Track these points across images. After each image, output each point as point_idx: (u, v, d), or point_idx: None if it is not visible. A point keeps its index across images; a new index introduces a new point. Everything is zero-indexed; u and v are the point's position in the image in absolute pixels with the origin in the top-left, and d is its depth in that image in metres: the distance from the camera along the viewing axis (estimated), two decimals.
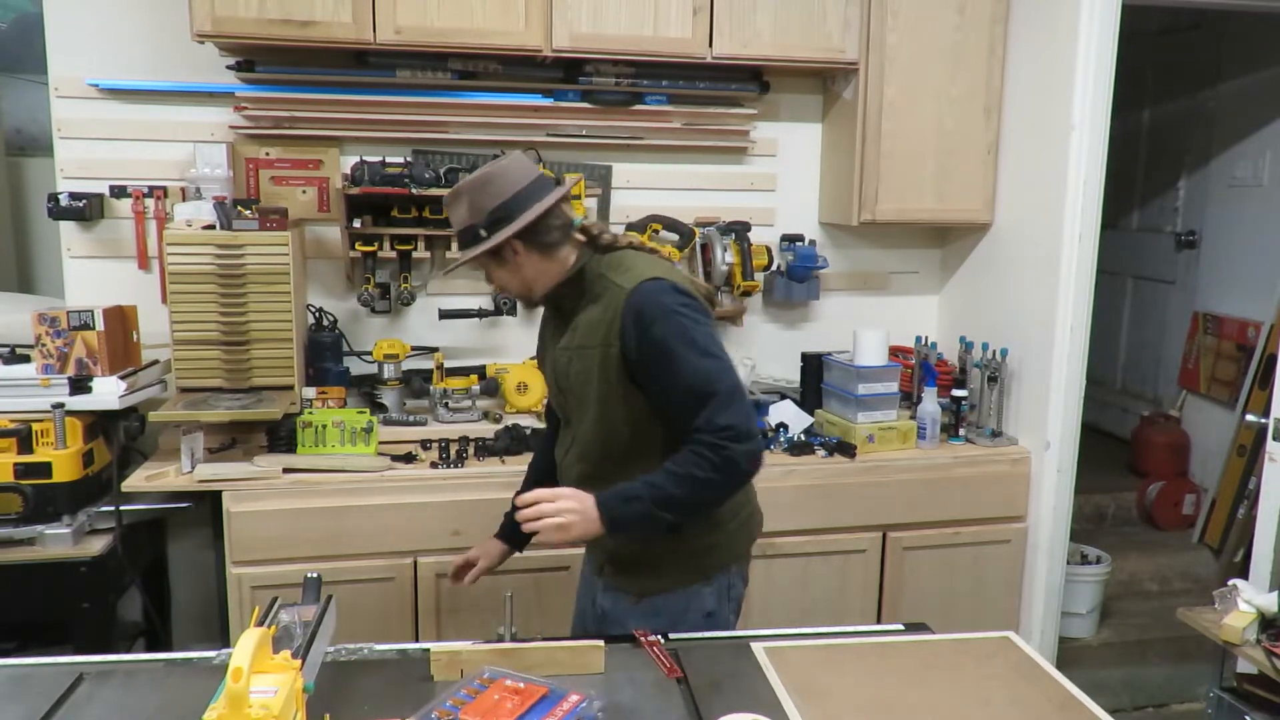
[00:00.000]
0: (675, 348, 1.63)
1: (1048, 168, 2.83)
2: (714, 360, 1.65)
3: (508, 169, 1.72)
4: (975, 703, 1.47)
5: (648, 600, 1.81)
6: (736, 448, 1.61)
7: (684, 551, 1.79)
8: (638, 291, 1.66)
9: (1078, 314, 2.81)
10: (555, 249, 1.75)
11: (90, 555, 2.38)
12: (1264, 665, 2.04)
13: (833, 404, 3.01)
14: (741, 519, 1.86)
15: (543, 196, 1.70)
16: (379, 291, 2.93)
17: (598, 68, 2.90)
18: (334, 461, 2.55)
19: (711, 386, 1.63)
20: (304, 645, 1.27)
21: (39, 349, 2.44)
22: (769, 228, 3.24)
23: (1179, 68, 4.33)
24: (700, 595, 1.81)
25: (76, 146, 2.79)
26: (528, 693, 1.38)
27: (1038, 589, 2.96)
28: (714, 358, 1.65)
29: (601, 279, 1.73)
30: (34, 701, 1.41)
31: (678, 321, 1.64)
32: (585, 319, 1.74)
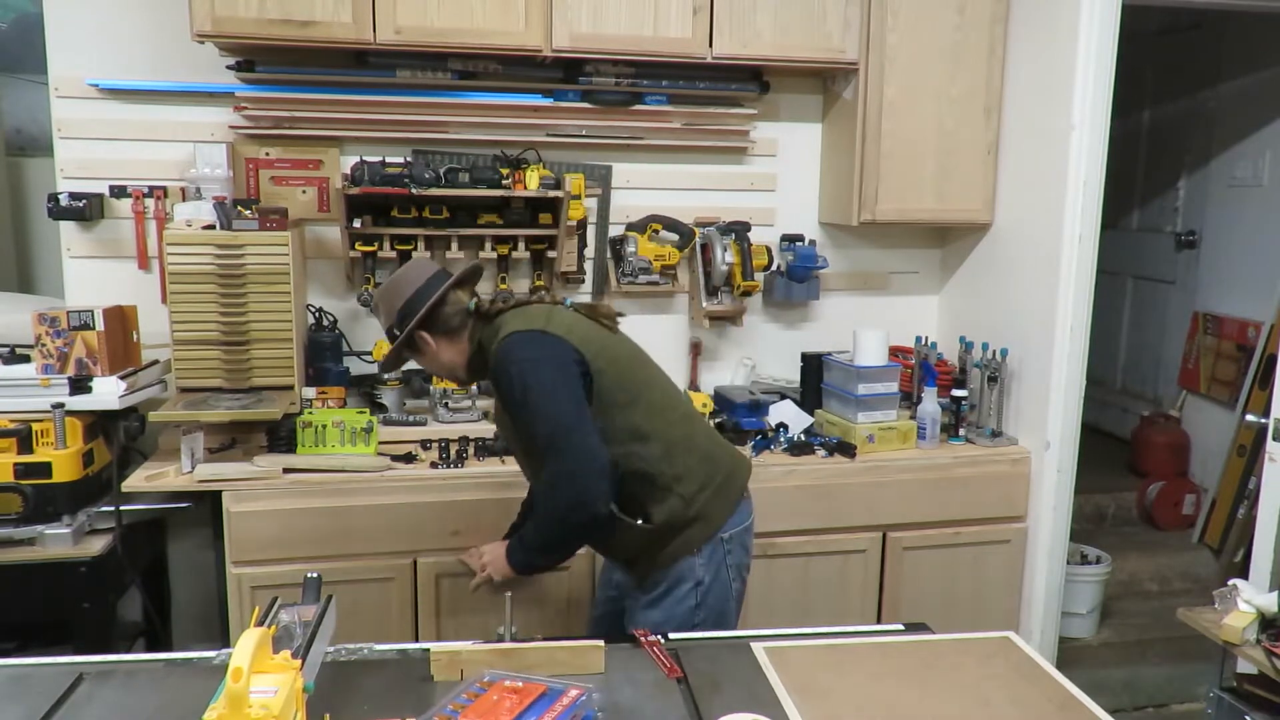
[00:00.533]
0: (520, 403, 1.84)
1: (1048, 168, 2.83)
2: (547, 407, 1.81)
3: (407, 272, 1.98)
4: (975, 703, 1.47)
5: (649, 576, 1.96)
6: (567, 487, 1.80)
7: (666, 533, 1.93)
8: (494, 354, 1.89)
9: (1078, 314, 2.81)
10: (459, 332, 1.98)
11: (90, 555, 2.38)
12: (1264, 665, 2.03)
13: (833, 404, 3.01)
14: (715, 485, 1.97)
15: (436, 289, 1.93)
16: None
17: (598, 68, 2.90)
18: (334, 461, 2.55)
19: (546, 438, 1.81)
20: (304, 645, 1.27)
21: (39, 349, 2.44)
22: (769, 228, 3.24)
23: (1179, 68, 4.33)
24: (692, 566, 1.94)
25: (76, 146, 2.79)
26: (526, 691, 1.38)
27: (1038, 589, 2.96)
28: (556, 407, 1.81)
29: (493, 336, 1.94)
30: (34, 701, 1.41)
31: (519, 380, 1.83)
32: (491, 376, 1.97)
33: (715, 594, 1.96)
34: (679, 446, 1.93)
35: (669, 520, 1.91)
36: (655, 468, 1.90)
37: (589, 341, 1.90)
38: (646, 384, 1.98)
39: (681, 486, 1.91)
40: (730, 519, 1.98)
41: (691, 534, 1.93)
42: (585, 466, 1.78)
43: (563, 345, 1.86)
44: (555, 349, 1.86)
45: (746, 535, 2.05)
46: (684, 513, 1.92)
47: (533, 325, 1.89)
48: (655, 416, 1.93)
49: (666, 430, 1.93)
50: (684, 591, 1.94)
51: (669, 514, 1.91)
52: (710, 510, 1.95)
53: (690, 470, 1.93)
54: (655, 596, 1.95)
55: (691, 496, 1.92)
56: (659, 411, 1.95)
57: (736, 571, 2.00)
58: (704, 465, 1.96)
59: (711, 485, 1.96)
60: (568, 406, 1.80)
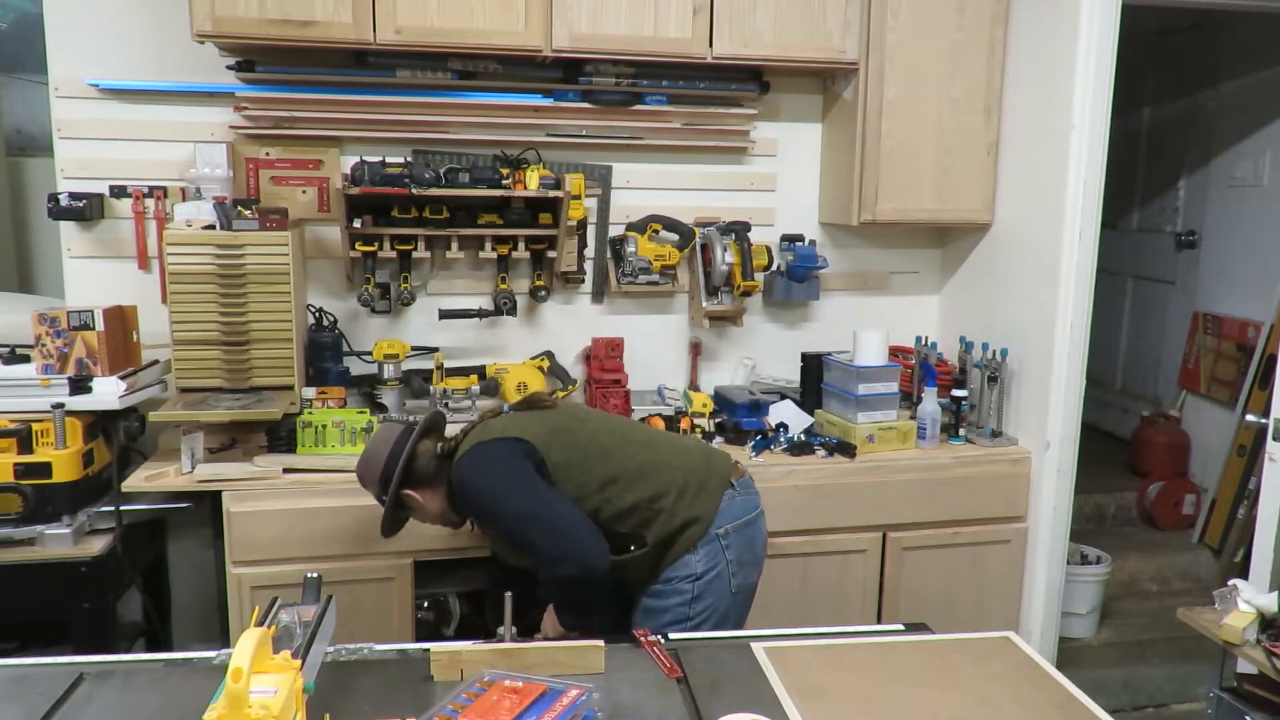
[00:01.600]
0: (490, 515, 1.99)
1: (1048, 168, 2.83)
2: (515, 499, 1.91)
3: (376, 441, 2.05)
4: (975, 703, 1.47)
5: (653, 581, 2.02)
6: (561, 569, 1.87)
7: (663, 547, 1.99)
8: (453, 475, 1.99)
9: (1078, 314, 2.81)
10: (436, 479, 2.03)
11: (90, 555, 2.38)
12: (1264, 665, 2.03)
13: (833, 404, 3.01)
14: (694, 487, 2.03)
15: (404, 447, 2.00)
16: (379, 291, 2.93)
17: (598, 68, 2.90)
18: (334, 461, 2.55)
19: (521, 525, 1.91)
20: (304, 645, 1.27)
21: (39, 349, 2.44)
22: (769, 228, 3.24)
23: (1179, 68, 4.33)
24: (687, 561, 2.00)
25: (76, 146, 2.79)
26: (526, 691, 1.38)
27: (1038, 589, 2.95)
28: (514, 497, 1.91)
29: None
30: (34, 701, 1.41)
31: (475, 496, 1.96)
32: None
33: (714, 588, 1.99)
34: (646, 472, 2.02)
35: (661, 536, 1.99)
36: (633, 500, 1.98)
37: (527, 428, 2.00)
38: (594, 435, 2.06)
39: (661, 502, 1.99)
40: (722, 512, 2.03)
41: (687, 536, 2.00)
42: (566, 540, 1.87)
43: (502, 443, 1.97)
44: (498, 450, 1.96)
45: (750, 530, 2.07)
46: (670, 523, 1.99)
47: (473, 442, 1.99)
48: (614, 458, 2.02)
49: (629, 463, 2.02)
50: (679, 584, 1.99)
51: (660, 531, 1.98)
52: (695, 511, 2.01)
53: (664, 485, 2.01)
54: (654, 589, 2.01)
55: (673, 507, 1.99)
56: (616, 452, 2.04)
57: (737, 566, 2.03)
58: (675, 474, 2.03)
59: (690, 488, 2.02)
60: (528, 496, 1.91)
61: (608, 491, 1.98)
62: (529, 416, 2.08)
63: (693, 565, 1.99)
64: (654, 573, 2.01)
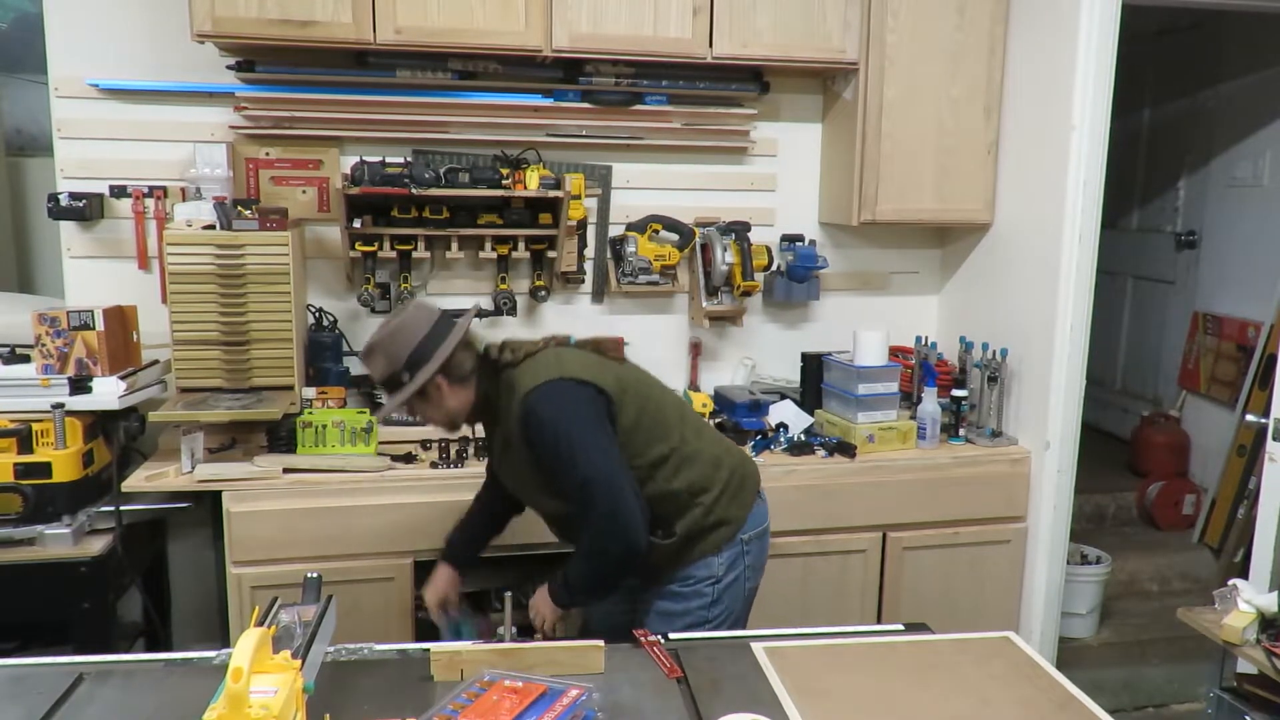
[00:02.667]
0: (554, 448, 1.84)
1: (1048, 168, 2.83)
2: (585, 456, 1.82)
3: (414, 316, 1.90)
4: (975, 703, 1.47)
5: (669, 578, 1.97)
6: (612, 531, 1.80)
7: (687, 542, 1.94)
8: (526, 400, 1.85)
9: (1078, 314, 2.81)
10: (468, 379, 1.94)
11: (90, 555, 2.38)
12: (1264, 665, 2.03)
13: (833, 404, 3.01)
14: (731, 489, 1.99)
15: (448, 334, 1.89)
16: (379, 291, 2.93)
17: (598, 68, 2.90)
18: (334, 461, 2.55)
19: (583, 478, 1.81)
20: (304, 645, 1.27)
21: (39, 349, 2.44)
22: (769, 228, 3.24)
23: (1179, 68, 4.33)
24: (710, 564, 1.96)
25: (76, 146, 2.79)
26: (526, 691, 1.38)
27: (1038, 589, 2.95)
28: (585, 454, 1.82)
29: (507, 392, 1.91)
30: (34, 701, 1.41)
31: (552, 432, 1.83)
32: (503, 429, 1.96)
33: (732, 592, 1.98)
34: (694, 459, 1.96)
35: (689, 530, 1.94)
36: (676, 487, 1.93)
37: (605, 378, 1.91)
38: (660, 406, 1.99)
39: (702, 498, 1.95)
40: (749, 519, 2.01)
41: (714, 538, 1.96)
42: (623, 507, 1.80)
43: (586, 389, 1.87)
44: (580, 394, 1.87)
45: (765, 537, 2.08)
46: (703, 520, 1.95)
47: (552, 375, 1.88)
48: (672, 436, 1.96)
49: (683, 447, 1.96)
50: (700, 586, 1.96)
51: (690, 524, 1.94)
52: (729, 514, 1.98)
53: (707, 479, 1.96)
54: (671, 590, 1.97)
55: (711, 504, 1.95)
56: (675, 431, 1.97)
57: (752, 571, 2.03)
58: (718, 472, 1.99)
59: (728, 490, 1.99)
60: (601, 453, 1.83)
61: (657, 471, 1.91)
62: (600, 363, 1.96)
63: (715, 568, 1.96)
64: (670, 568, 1.96)
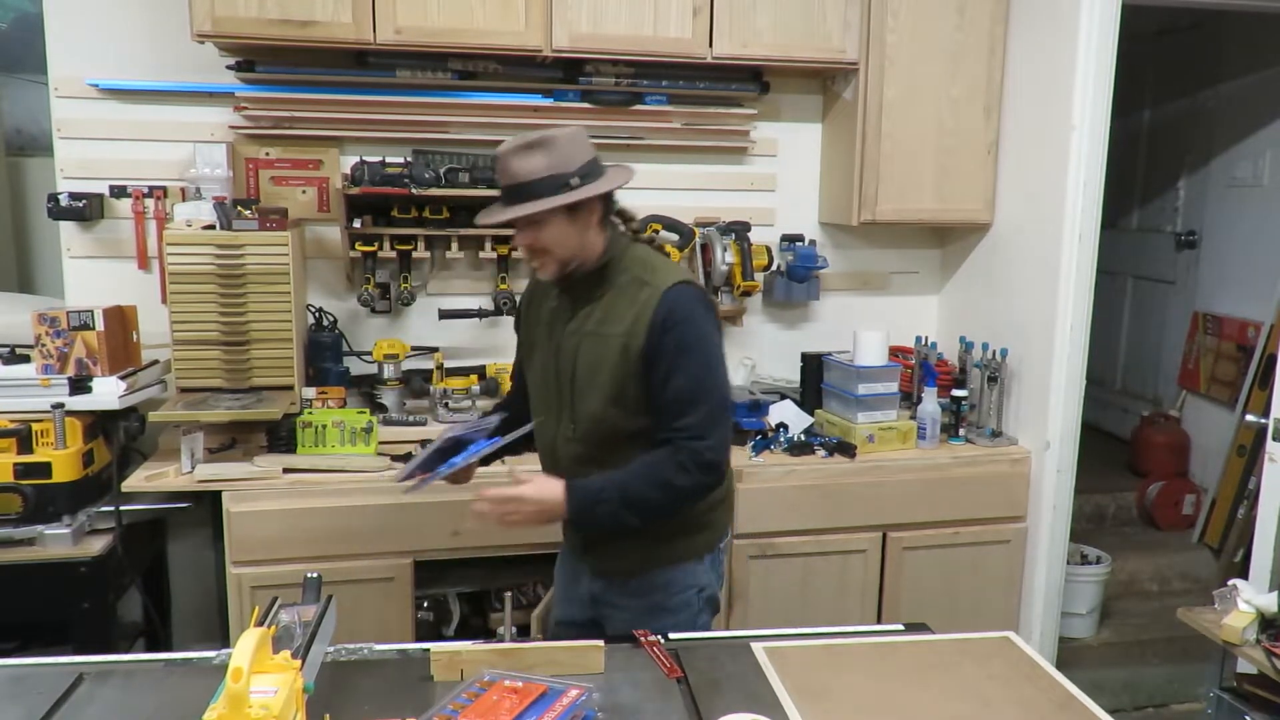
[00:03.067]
0: (691, 352, 1.70)
1: (1048, 168, 2.83)
2: (718, 375, 1.75)
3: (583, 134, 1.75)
4: (975, 703, 1.47)
5: (642, 578, 1.85)
6: (713, 459, 1.71)
7: (687, 528, 1.85)
8: (672, 293, 1.72)
9: (1078, 314, 2.81)
10: (604, 225, 1.78)
11: (90, 555, 2.38)
12: (1264, 665, 2.03)
13: (833, 404, 3.01)
14: (730, 491, 1.94)
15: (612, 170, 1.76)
16: (379, 291, 2.93)
17: (598, 68, 2.90)
18: (334, 461, 2.55)
19: (708, 397, 1.71)
20: (304, 645, 1.27)
21: (39, 349, 2.44)
22: (769, 228, 3.24)
23: (1179, 68, 4.33)
24: (695, 572, 1.87)
25: (76, 146, 2.79)
26: (526, 691, 1.38)
27: (1038, 589, 2.95)
28: (718, 373, 1.75)
29: (627, 272, 1.77)
30: (34, 701, 1.41)
31: (699, 330, 1.72)
32: (605, 307, 1.77)
33: (711, 602, 1.93)
34: None
35: (686, 520, 1.84)
36: None
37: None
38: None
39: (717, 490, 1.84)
40: (728, 529, 1.97)
41: (702, 539, 1.88)
42: (725, 443, 1.72)
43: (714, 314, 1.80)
44: (712, 316, 1.78)
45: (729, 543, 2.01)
46: (700, 516, 1.86)
47: (702, 288, 1.79)
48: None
49: None
50: (688, 595, 1.87)
51: (689, 514, 1.83)
52: (718, 518, 1.92)
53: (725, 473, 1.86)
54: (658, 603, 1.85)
55: (714, 499, 1.86)
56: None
57: (720, 580, 1.96)
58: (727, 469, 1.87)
59: (728, 493, 1.93)
60: (727, 381, 1.75)
61: None
62: None
63: (699, 576, 1.88)
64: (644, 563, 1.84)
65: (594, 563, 1.90)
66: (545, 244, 1.73)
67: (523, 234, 1.74)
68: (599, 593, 1.91)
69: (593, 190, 1.70)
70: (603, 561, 1.89)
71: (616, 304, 1.76)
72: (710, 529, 1.90)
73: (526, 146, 1.69)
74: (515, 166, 1.69)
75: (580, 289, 1.80)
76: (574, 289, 1.81)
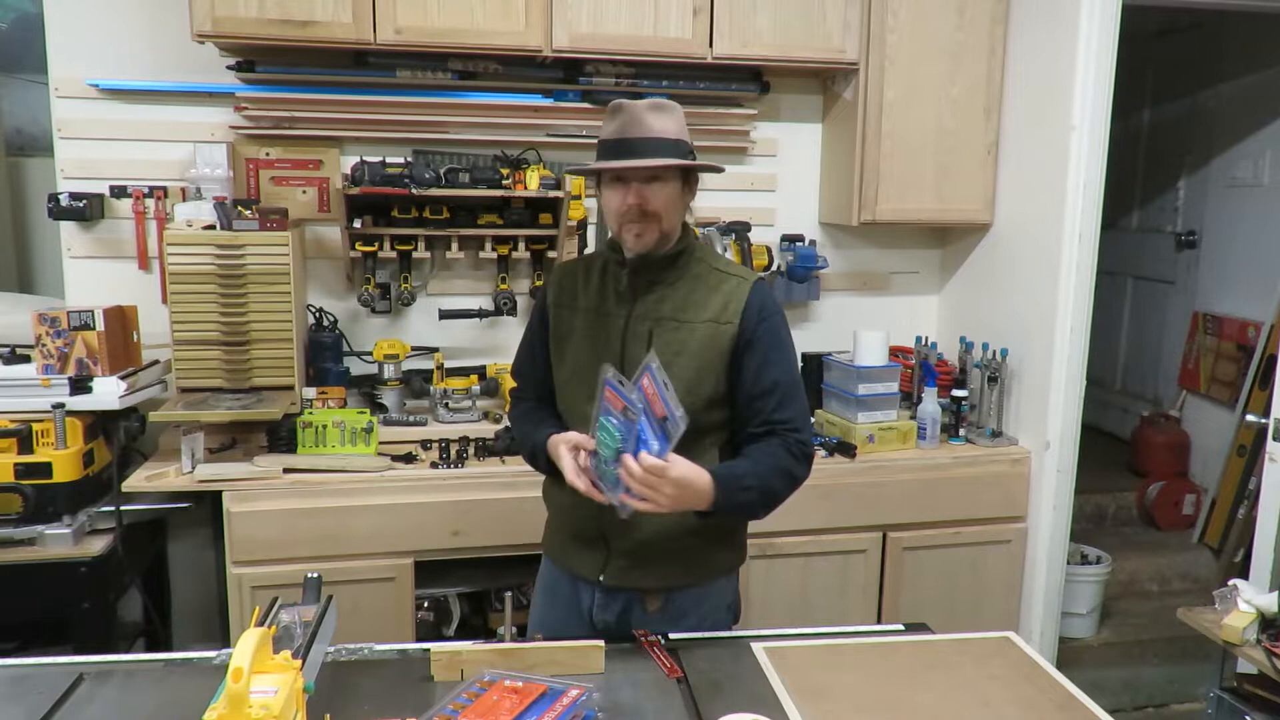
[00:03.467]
0: (784, 347, 1.72)
1: (1048, 168, 2.83)
2: (797, 368, 1.75)
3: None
4: (975, 703, 1.47)
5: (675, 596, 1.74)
6: (812, 453, 1.71)
7: (732, 543, 1.81)
8: (760, 286, 1.72)
9: (1078, 314, 2.81)
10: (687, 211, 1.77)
11: (90, 555, 2.38)
12: (1264, 665, 2.04)
13: (833, 404, 3.01)
14: None
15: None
16: (379, 291, 2.93)
17: (598, 68, 2.90)
18: (334, 461, 2.55)
19: (801, 392, 1.71)
20: (304, 645, 1.27)
21: (39, 349, 2.44)
22: (769, 228, 3.24)
23: (1179, 68, 4.33)
24: (726, 589, 1.82)
25: (76, 146, 2.79)
26: (526, 691, 1.38)
27: (1038, 589, 2.95)
28: (797, 366, 1.75)
29: (703, 262, 1.75)
30: (34, 701, 1.41)
31: (787, 325, 1.74)
32: (683, 294, 1.71)
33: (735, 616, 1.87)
34: None
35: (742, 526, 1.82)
36: None
37: None
38: None
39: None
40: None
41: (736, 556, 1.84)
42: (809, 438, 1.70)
43: None
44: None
45: None
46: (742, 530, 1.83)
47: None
48: None
49: None
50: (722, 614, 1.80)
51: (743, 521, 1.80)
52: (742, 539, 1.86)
53: None
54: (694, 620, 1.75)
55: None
56: None
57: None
58: None
59: None
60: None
61: None
62: None
63: (728, 593, 1.82)
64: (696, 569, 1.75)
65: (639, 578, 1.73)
66: (658, 206, 1.65)
67: (639, 191, 1.64)
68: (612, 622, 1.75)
69: (710, 167, 1.72)
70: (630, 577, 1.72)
71: (695, 291, 1.70)
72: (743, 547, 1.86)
73: (658, 106, 1.66)
74: (651, 120, 1.64)
75: (652, 272, 1.72)
76: (644, 271, 1.72)
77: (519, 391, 1.92)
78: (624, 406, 1.48)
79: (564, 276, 1.84)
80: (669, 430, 1.46)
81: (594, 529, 1.73)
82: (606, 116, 1.69)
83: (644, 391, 1.47)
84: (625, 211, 1.65)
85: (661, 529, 1.68)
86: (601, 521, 1.70)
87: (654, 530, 1.69)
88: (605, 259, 1.79)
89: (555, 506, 1.85)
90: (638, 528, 1.68)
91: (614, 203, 1.67)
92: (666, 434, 1.46)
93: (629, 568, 1.73)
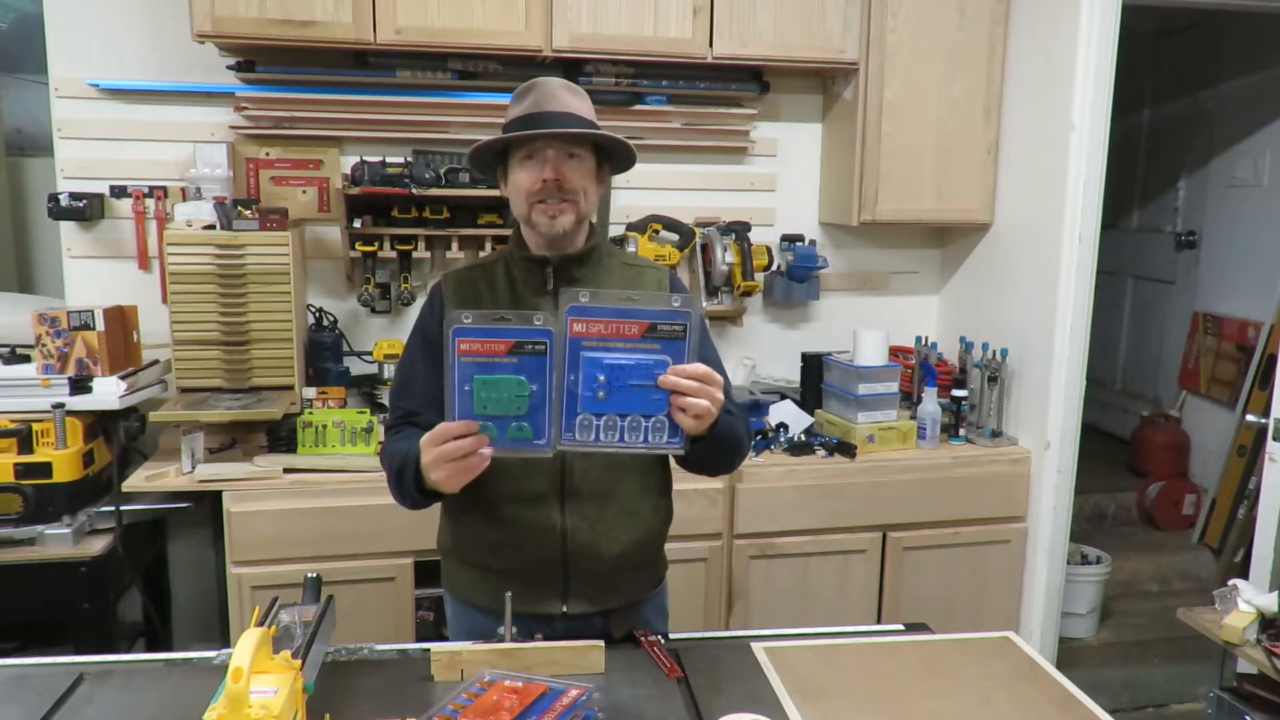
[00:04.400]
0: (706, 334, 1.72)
1: (1048, 168, 2.83)
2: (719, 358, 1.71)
3: None
4: (975, 703, 1.47)
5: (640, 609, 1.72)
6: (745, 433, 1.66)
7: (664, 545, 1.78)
8: (675, 277, 1.74)
9: (1078, 314, 2.81)
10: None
11: (90, 555, 2.38)
12: (1264, 665, 2.03)
13: (833, 404, 3.01)
14: None
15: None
16: (379, 291, 2.93)
17: (598, 68, 2.90)
18: (334, 461, 2.55)
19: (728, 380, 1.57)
20: (304, 645, 1.27)
21: (39, 349, 2.44)
22: (769, 228, 3.24)
23: (1179, 68, 4.33)
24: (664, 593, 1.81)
25: (76, 146, 2.79)
26: (526, 691, 1.38)
27: (1038, 589, 2.95)
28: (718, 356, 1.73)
29: (615, 257, 1.71)
30: (34, 701, 1.41)
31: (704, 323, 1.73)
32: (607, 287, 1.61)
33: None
34: None
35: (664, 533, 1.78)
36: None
37: None
38: None
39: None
40: None
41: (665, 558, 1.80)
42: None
43: None
44: None
45: None
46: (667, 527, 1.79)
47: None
48: None
49: None
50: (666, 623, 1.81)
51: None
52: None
53: None
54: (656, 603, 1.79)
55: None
56: None
57: None
58: None
59: None
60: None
61: None
62: None
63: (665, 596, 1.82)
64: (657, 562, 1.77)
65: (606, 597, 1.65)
66: (576, 184, 1.56)
67: (556, 166, 1.54)
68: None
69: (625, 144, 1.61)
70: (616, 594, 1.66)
71: (618, 285, 1.64)
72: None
73: (572, 89, 1.59)
74: (567, 98, 1.57)
75: (572, 269, 1.63)
76: (565, 269, 1.63)
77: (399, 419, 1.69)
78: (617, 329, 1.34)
79: (460, 285, 1.67)
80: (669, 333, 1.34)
81: (553, 554, 1.60)
82: (515, 98, 1.59)
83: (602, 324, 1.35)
84: (539, 189, 1.54)
85: (636, 538, 1.65)
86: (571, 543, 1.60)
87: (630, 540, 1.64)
88: (508, 262, 1.66)
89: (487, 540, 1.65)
90: (615, 540, 1.62)
91: (526, 181, 1.55)
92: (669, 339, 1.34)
93: (596, 591, 1.63)
